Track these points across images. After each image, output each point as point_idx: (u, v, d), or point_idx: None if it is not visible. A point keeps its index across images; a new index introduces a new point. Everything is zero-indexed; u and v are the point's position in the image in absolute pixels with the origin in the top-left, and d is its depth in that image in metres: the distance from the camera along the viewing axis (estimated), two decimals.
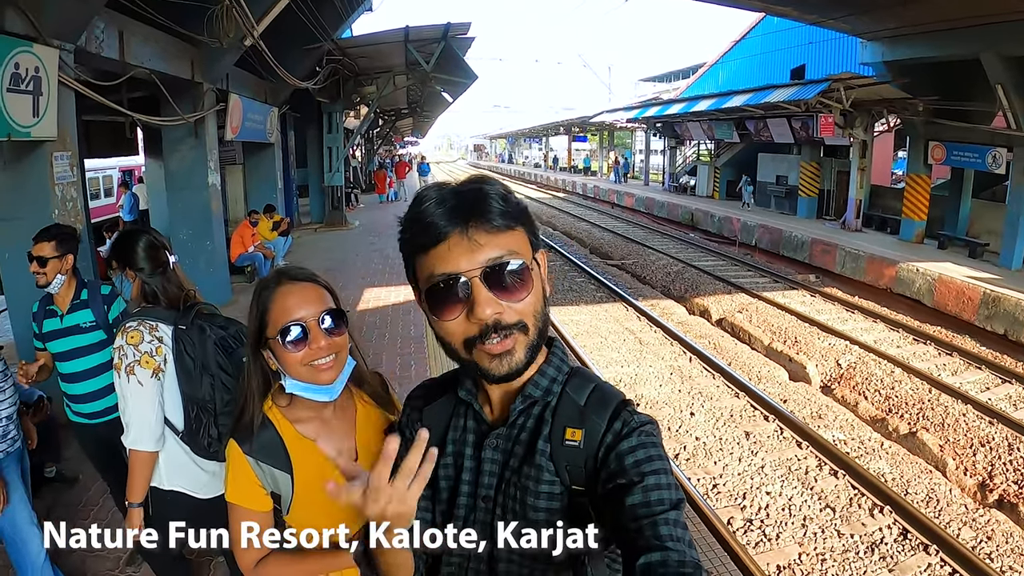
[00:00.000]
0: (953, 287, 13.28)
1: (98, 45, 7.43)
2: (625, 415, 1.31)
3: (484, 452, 1.41)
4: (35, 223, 3.92)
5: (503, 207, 1.26)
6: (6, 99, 5.62)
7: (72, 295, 3.83)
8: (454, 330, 1.28)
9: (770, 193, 26.11)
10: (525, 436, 1.38)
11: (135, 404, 2.78)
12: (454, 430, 1.48)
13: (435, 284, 1.26)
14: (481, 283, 1.23)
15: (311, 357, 1.76)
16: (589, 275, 17.59)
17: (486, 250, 1.23)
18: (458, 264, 1.23)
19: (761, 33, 27.95)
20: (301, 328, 1.75)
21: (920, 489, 7.09)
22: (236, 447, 1.84)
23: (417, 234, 1.28)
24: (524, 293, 1.26)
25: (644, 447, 1.25)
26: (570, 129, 56.23)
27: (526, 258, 1.28)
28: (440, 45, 16.74)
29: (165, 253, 3.09)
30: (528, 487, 1.33)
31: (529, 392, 1.37)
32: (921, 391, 9.45)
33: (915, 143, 18.29)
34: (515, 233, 1.28)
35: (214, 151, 11.29)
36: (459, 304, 1.25)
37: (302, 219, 22.74)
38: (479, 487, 1.40)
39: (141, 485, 2.87)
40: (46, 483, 5.40)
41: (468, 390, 1.45)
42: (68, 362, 3.79)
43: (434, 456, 1.17)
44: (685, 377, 10.12)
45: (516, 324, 1.26)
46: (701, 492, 6.91)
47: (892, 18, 13.81)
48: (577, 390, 1.38)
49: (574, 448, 1.31)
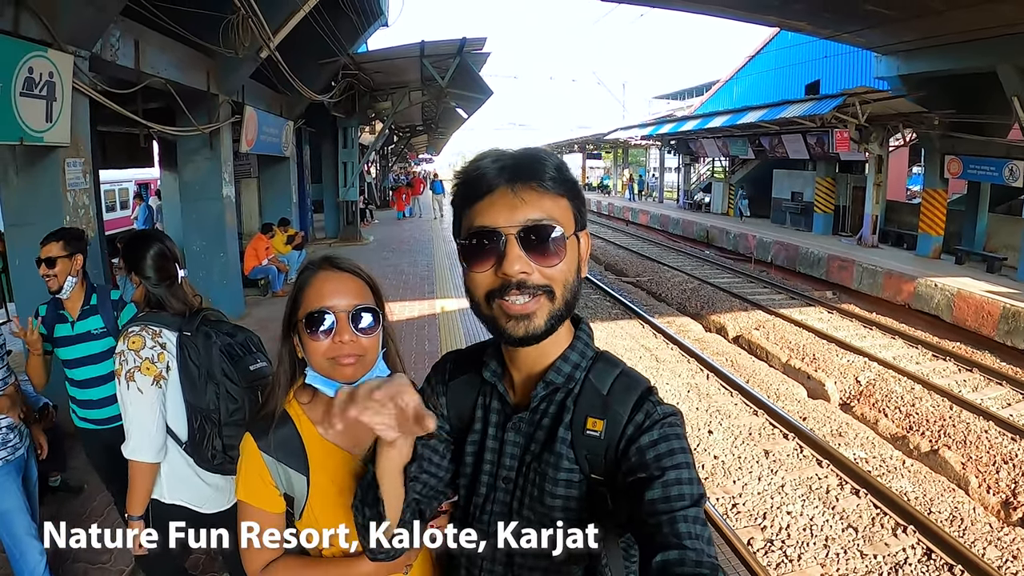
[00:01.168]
0: (972, 302, 13.16)
1: (113, 53, 7.47)
2: (648, 406, 1.29)
3: (507, 434, 1.41)
4: (46, 229, 3.89)
5: (554, 173, 1.27)
6: (19, 103, 5.64)
7: (82, 300, 3.78)
8: (480, 282, 1.28)
9: (785, 209, 26.02)
10: (547, 422, 1.37)
11: (134, 412, 2.72)
12: (481, 408, 1.48)
13: (473, 234, 1.28)
14: (516, 240, 1.23)
15: (333, 351, 1.64)
16: (604, 292, 17.57)
17: (528, 209, 1.24)
18: (497, 218, 1.25)
19: (775, 48, 27.97)
20: (328, 317, 1.64)
21: (943, 508, 6.98)
22: (252, 442, 1.74)
23: (467, 184, 1.31)
24: (557, 260, 1.26)
25: (667, 440, 1.23)
26: (584, 147, 56.28)
27: (567, 228, 1.28)
28: (455, 60, 16.77)
29: (175, 266, 3.02)
30: (547, 473, 1.33)
31: (551, 379, 1.37)
32: (942, 408, 9.34)
33: (931, 157, 18.24)
34: (560, 201, 1.29)
35: (229, 163, 11.33)
36: (492, 257, 1.26)
37: (317, 234, 22.79)
38: (500, 468, 1.42)
39: (141, 497, 2.80)
40: (51, 492, 5.38)
41: (493, 371, 1.45)
42: (78, 369, 3.73)
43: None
44: (703, 395, 10.03)
45: (542, 287, 1.25)
46: (721, 512, 6.82)
47: (907, 31, 13.77)
48: (600, 377, 1.37)
49: (595, 438, 1.30)
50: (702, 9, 15.41)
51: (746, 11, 15.26)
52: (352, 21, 14.37)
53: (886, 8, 12.51)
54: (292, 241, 14.82)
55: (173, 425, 2.82)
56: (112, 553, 4.63)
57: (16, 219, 6.53)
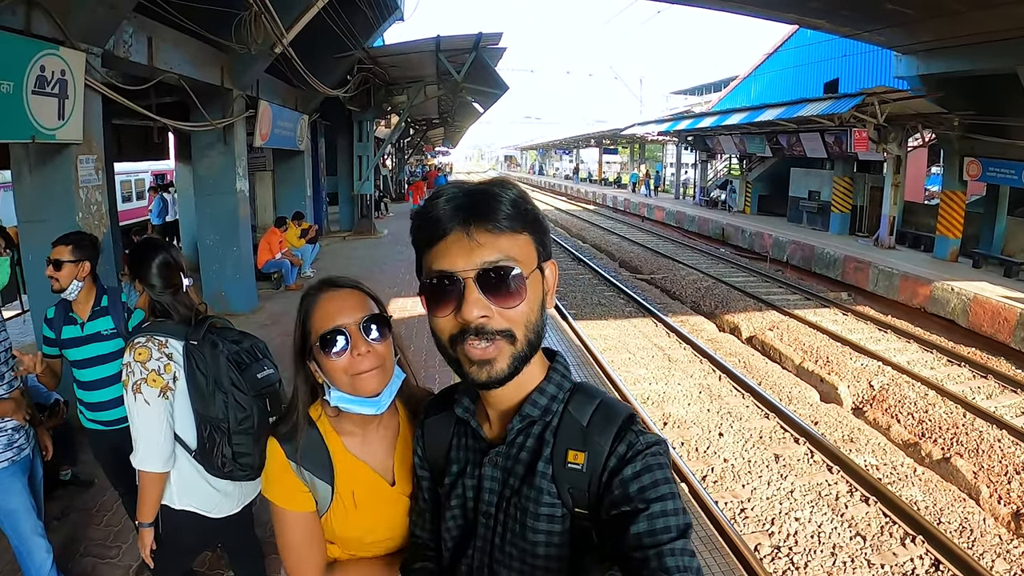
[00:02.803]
0: (988, 307, 13.05)
1: (126, 50, 7.51)
2: (630, 436, 1.26)
3: (484, 469, 1.39)
4: (59, 225, 3.92)
5: (510, 210, 1.25)
6: (31, 101, 5.68)
7: (92, 302, 3.80)
8: (443, 327, 1.27)
9: (802, 208, 25.87)
10: (525, 456, 1.35)
11: (141, 424, 2.74)
12: (456, 449, 1.49)
13: (432, 279, 1.26)
14: (474, 284, 1.22)
15: (354, 366, 1.68)
16: (618, 289, 17.53)
17: (484, 251, 1.22)
18: (455, 262, 1.23)
19: (794, 46, 27.78)
20: (341, 335, 1.69)
21: (953, 518, 6.93)
22: (278, 447, 1.77)
23: (423, 228, 1.29)
24: (516, 301, 1.24)
25: (650, 471, 1.21)
26: (601, 141, 56.23)
27: (526, 265, 1.26)
28: (471, 55, 16.75)
29: (179, 275, 3.05)
30: (528, 508, 1.30)
31: (527, 412, 1.34)
32: (955, 415, 9.26)
33: (950, 159, 18.05)
34: (519, 238, 1.26)
35: (243, 157, 11.39)
36: (452, 301, 1.24)
37: (331, 227, 22.89)
38: (480, 503, 1.40)
39: (151, 505, 2.83)
40: (61, 486, 5.44)
41: (465, 407, 1.44)
42: (86, 370, 3.76)
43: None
44: (714, 396, 10.01)
45: (502, 331, 1.24)
46: (728, 516, 6.79)
47: (928, 31, 13.64)
48: (580, 408, 1.34)
49: (576, 471, 1.28)
50: (720, 6, 15.31)
51: (765, 8, 15.15)
52: (367, 15, 14.39)
53: (906, 7, 12.40)
54: (306, 235, 14.89)
55: (182, 433, 2.85)
56: (120, 548, 4.67)
57: (29, 215, 6.58)
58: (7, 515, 3.53)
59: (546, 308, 1.33)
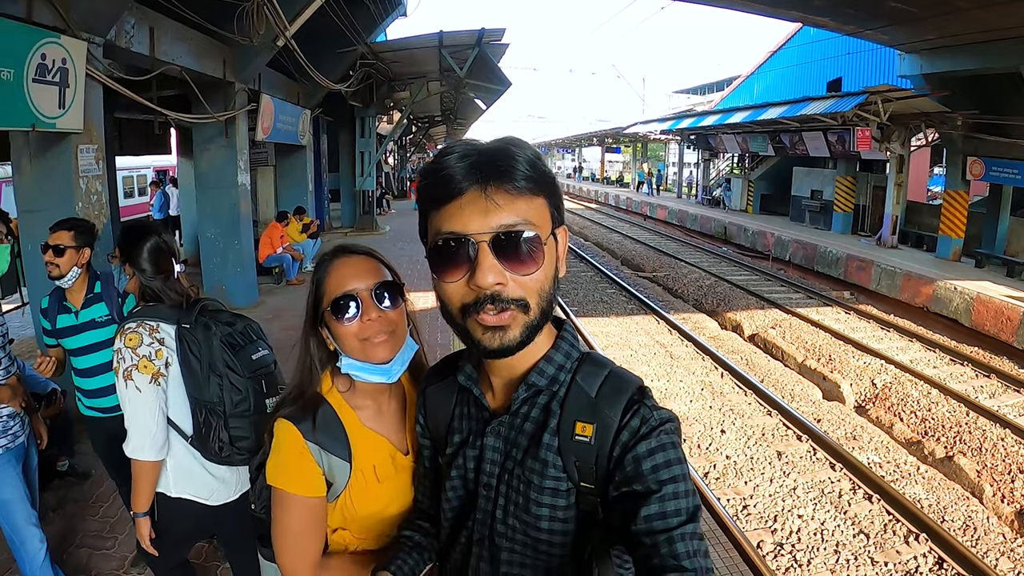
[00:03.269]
0: (991, 307, 13.02)
1: (128, 40, 7.50)
2: (644, 411, 1.21)
3: (486, 439, 1.35)
4: (59, 215, 3.89)
5: (529, 171, 1.19)
6: (31, 89, 5.67)
7: (86, 290, 3.79)
8: (453, 293, 1.21)
9: (805, 208, 25.82)
10: (529, 427, 1.31)
11: (133, 411, 2.69)
12: (458, 418, 1.45)
13: (442, 241, 1.20)
14: (488, 248, 1.16)
15: (364, 331, 1.68)
16: (620, 287, 17.53)
17: (502, 213, 1.16)
18: (468, 224, 1.16)
19: (798, 44, 27.74)
20: (354, 300, 1.68)
21: (957, 516, 6.89)
22: (291, 427, 1.71)
23: (433, 186, 1.21)
24: (533, 267, 1.18)
25: (663, 449, 1.17)
26: (603, 140, 56.22)
27: (543, 230, 1.20)
28: (474, 51, 16.71)
29: (171, 261, 3.00)
30: (532, 481, 1.27)
31: (533, 381, 1.29)
32: (958, 414, 9.22)
33: (953, 158, 18.03)
34: (536, 201, 1.21)
35: (244, 151, 11.37)
36: (463, 266, 1.18)
37: (333, 223, 22.89)
38: (480, 474, 1.35)
39: (145, 494, 2.79)
40: (58, 476, 5.43)
41: (468, 375, 1.40)
42: (82, 357, 3.75)
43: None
44: (716, 393, 9.97)
45: (516, 300, 1.18)
46: (731, 513, 6.75)
47: (932, 29, 13.61)
48: (588, 379, 1.28)
49: (584, 444, 1.23)
50: (724, 3, 15.30)
51: (768, 6, 15.15)
52: (370, 10, 14.41)
53: (910, 5, 12.39)
54: (307, 229, 14.92)
55: (177, 419, 2.80)
56: (116, 540, 4.65)
57: (29, 205, 6.57)
58: (2, 505, 3.47)
59: (558, 275, 1.27)
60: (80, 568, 4.32)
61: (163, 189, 19.42)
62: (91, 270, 3.82)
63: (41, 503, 3.79)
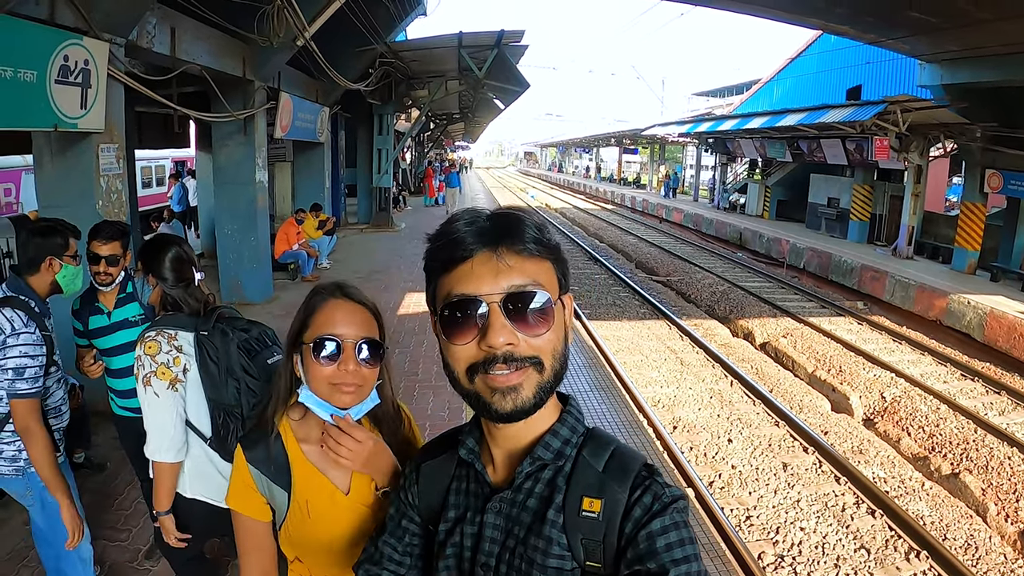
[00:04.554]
0: (1005, 322, 12.96)
1: (149, 40, 7.59)
2: (655, 487, 1.19)
3: (486, 516, 1.30)
4: (79, 213, 3.96)
5: (536, 234, 1.20)
6: (54, 90, 5.74)
7: (118, 290, 3.85)
8: (461, 355, 1.20)
9: (821, 215, 25.71)
10: (533, 503, 1.26)
11: (152, 415, 2.79)
12: (455, 493, 1.39)
13: (452, 304, 1.19)
14: (500, 309, 1.15)
15: (337, 377, 1.70)
16: (633, 290, 17.53)
17: (512, 275, 1.16)
18: (480, 286, 1.16)
19: (818, 51, 27.65)
20: (336, 344, 1.70)
21: (959, 534, 6.90)
22: (240, 453, 1.83)
23: (443, 248, 1.21)
24: (544, 329, 1.18)
25: (677, 528, 1.14)
26: (621, 141, 56.11)
27: (552, 293, 1.20)
28: (493, 52, 16.77)
29: (191, 269, 3.08)
30: (535, 560, 1.21)
31: (539, 455, 1.26)
32: (966, 430, 9.20)
33: (971, 170, 17.94)
34: (544, 265, 1.22)
35: (262, 148, 11.48)
36: (474, 328, 1.17)
37: (349, 219, 22.99)
38: (478, 554, 1.29)
39: (166, 494, 2.89)
40: (75, 469, 5.50)
41: (470, 449, 1.36)
42: (116, 357, 3.80)
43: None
44: (725, 402, 9.99)
45: (530, 358, 1.17)
46: (733, 524, 6.79)
47: (953, 40, 13.54)
48: (595, 453, 1.26)
49: (592, 520, 1.19)
50: (744, 9, 15.26)
51: (789, 13, 15.08)
52: (389, 10, 14.45)
53: (932, 16, 12.31)
54: (323, 226, 14.98)
55: (197, 422, 2.89)
56: (130, 532, 4.72)
57: (50, 202, 6.64)
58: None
59: (568, 340, 1.26)
60: (95, 559, 4.39)
61: (181, 181, 19.56)
62: (124, 271, 3.89)
63: None
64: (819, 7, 13.69)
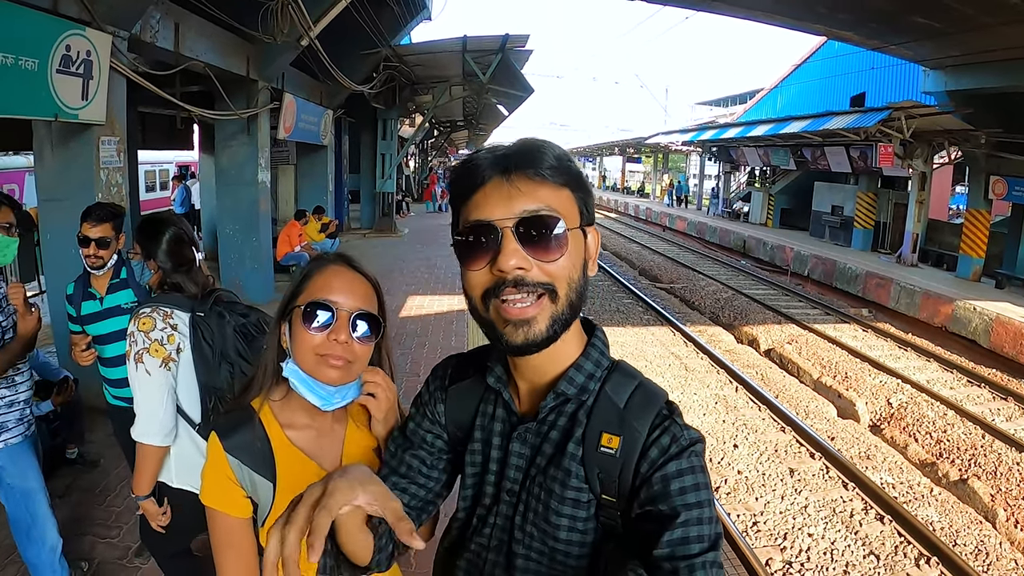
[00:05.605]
0: (1010, 328, 12.89)
1: (153, 35, 7.58)
2: (675, 429, 1.18)
3: (512, 444, 1.31)
4: (78, 205, 3.88)
5: (553, 161, 1.18)
6: (55, 80, 5.73)
7: (111, 275, 3.78)
8: (476, 281, 1.20)
9: (825, 223, 25.72)
10: (555, 435, 1.27)
11: (142, 394, 2.71)
12: (482, 416, 1.39)
13: (466, 229, 1.19)
14: (512, 233, 1.14)
15: (325, 348, 1.55)
16: (637, 297, 17.50)
17: (524, 199, 1.15)
18: (492, 211, 1.16)
19: (821, 58, 27.67)
20: (330, 313, 1.55)
21: (969, 540, 6.81)
22: (217, 442, 1.62)
23: (461, 177, 1.23)
24: (557, 254, 1.16)
25: (693, 471, 1.14)
26: (625, 150, 56.18)
27: (568, 220, 1.18)
28: (497, 57, 16.76)
29: (191, 250, 3.01)
30: (553, 490, 1.23)
31: (562, 390, 1.26)
32: (974, 436, 9.12)
33: (976, 177, 17.92)
34: (561, 192, 1.19)
35: (265, 149, 11.46)
36: (487, 253, 1.17)
37: (352, 224, 23.00)
38: (504, 479, 1.32)
39: (147, 479, 2.80)
40: (67, 464, 5.46)
41: (498, 377, 1.35)
42: (108, 345, 3.71)
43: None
44: (730, 407, 9.91)
45: (543, 284, 1.15)
46: (740, 529, 6.70)
47: (957, 46, 13.49)
48: (617, 389, 1.25)
49: (610, 456, 1.19)
50: (747, 14, 15.21)
51: (792, 18, 15.04)
52: (394, 13, 14.48)
53: (936, 21, 12.28)
54: (326, 229, 14.98)
55: (186, 406, 2.83)
56: (121, 529, 4.66)
57: (50, 194, 6.64)
58: (26, 495, 3.42)
59: (588, 272, 1.25)
60: (84, 555, 4.32)
61: (184, 184, 19.58)
62: (119, 255, 3.82)
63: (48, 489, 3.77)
64: (822, 13, 13.67)
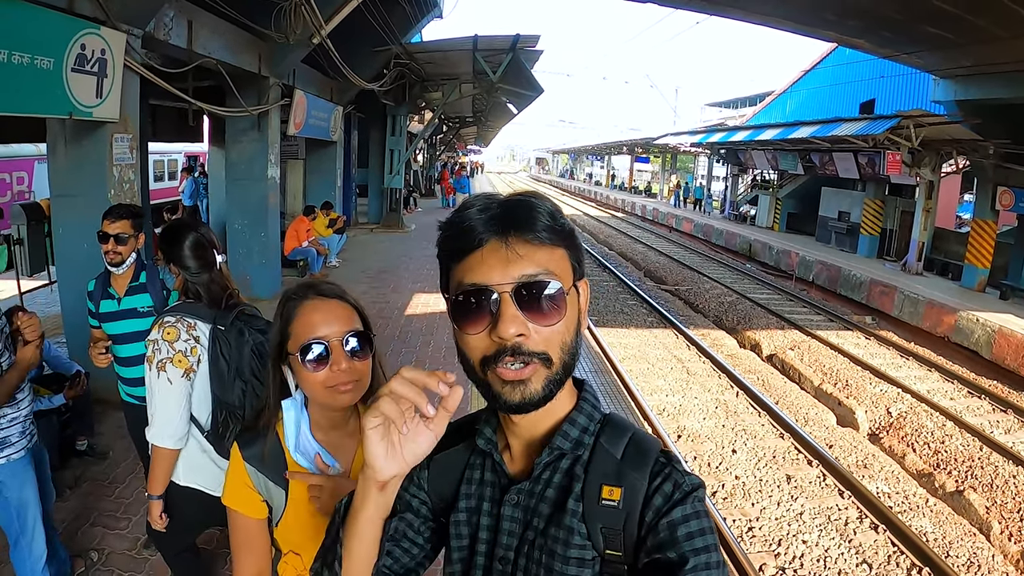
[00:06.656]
0: (1013, 340, 12.90)
1: (166, 32, 7.63)
2: (676, 475, 1.17)
3: (504, 508, 1.26)
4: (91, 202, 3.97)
5: (548, 222, 1.17)
6: (70, 78, 5.78)
7: (131, 277, 3.85)
8: (475, 346, 1.17)
9: (831, 228, 25.69)
10: (552, 493, 1.23)
11: (161, 401, 2.77)
12: (468, 483, 1.34)
13: (463, 293, 1.16)
14: (511, 299, 1.13)
15: (332, 380, 1.66)
16: (641, 298, 17.53)
17: (523, 264, 1.14)
18: (490, 275, 1.14)
19: (832, 64, 27.58)
20: (323, 347, 1.66)
21: (962, 552, 6.85)
22: (237, 451, 1.81)
23: (453, 238, 1.19)
24: (555, 319, 1.15)
25: (697, 516, 1.13)
26: (633, 149, 56.05)
27: (564, 281, 1.17)
28: (508, 56, 16.77)
29: (213, 253, 3.07)
30: (556, 551, 1.18)
31: (558, 444, 1.23)
32: (971, 448, 9.16)
33: (983, 187, 17.90)
34: (557, 252, 1.18)
35: (275, 145, 11.54)
36: (485, 318, 1.14)
37: (359, 218, 23.04)
38: (496, 547, 1.25)
39: (161, 479, 2.88)
40: (76, 455, 5.53)
41: (488, 439, 1.31)
42: (123, 345, 3.79)
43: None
44: (730, 412, 9.97)
45: (538, 353, 1.14)
46: (735, 534, 6.77)
47: (967, 56, 13.48)
48: (612, 441, 1.23)
49: (612, 508, 1.17)
50: (760, 20, 15.21)
51: (804, 25, 15.03)
52: (406, 11, 14.51)
53: (947, 32, 12.27)
54: (334, 224, 15.00)
55: (197, 413, 2.89)
56: (130, 521, 4.73)
57: (62, 190, 6.69)
58: (19, 507, 3.43)
59: (581, 329, 1.24)
60: (93, 546, 4.39)
61: (193, 176, 19.61)
62: (139, 258, 3.90)
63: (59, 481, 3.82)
64: (832, 20, 13.66)
